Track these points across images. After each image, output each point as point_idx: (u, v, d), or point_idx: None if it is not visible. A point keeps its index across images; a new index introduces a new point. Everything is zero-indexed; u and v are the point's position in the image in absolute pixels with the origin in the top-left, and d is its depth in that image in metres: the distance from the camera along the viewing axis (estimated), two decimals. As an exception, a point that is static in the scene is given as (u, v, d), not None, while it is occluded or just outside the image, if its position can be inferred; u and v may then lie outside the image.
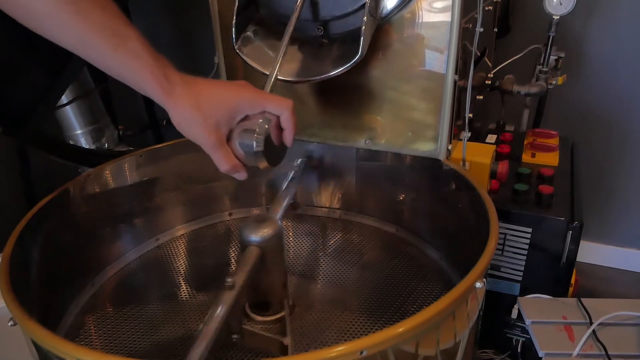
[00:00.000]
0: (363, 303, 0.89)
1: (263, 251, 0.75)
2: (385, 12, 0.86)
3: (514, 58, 1.41)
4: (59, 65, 0.92)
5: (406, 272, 0.98)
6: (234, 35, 0.91)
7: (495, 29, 1.35)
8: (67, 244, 0.86)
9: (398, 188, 1.06)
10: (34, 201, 0.81)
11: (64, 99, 1.51)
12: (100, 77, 1.67)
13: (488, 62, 1.35)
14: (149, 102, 2.13)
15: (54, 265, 0.80)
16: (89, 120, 1.65)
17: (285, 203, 0.91)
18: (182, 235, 1.12)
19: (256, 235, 0.75)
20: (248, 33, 0.94)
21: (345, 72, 0.84)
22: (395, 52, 0.90)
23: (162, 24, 2.06)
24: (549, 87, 1.36)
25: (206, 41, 1.93)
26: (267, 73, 0.81)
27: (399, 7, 0.85)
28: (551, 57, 1.35)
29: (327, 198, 1.18)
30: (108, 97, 1.91)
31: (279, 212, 0.88)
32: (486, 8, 1.12)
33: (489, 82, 1.36)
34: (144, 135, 2.17)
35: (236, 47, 0.92)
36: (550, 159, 1.22)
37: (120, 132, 2.01)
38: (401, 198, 1.07)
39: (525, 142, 1.30)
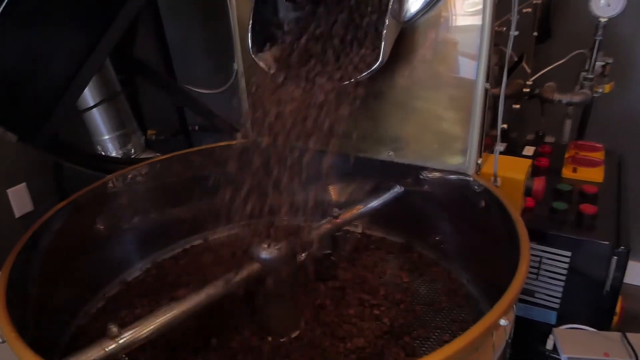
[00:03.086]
0: (382, 327, 0.83)
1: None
2: (409, 15, 0.79)
3: (556, 64, 1.32)
4: (79, 59, 0.89)
5: (430, 295, 0.91)
6: (250, 40, 0.87)
7: (535, 33, 1.26)
8: (68, 261, 0.83)
9: (423, 204, 0.99)
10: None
11: (90, 102, 1.52)
12: (127, 80, 1.67)
13: (527, 68, 1.26)
14: (180, 108, 2.12)
15: (52, 284, 0.78)
16: (115, 126, 1.65)
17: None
18: (195, 246, 1.08)
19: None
20: (265, 37, 0.90)
21: (366, 79, 0.78)
22: (421, 57, 0.84)
23: (194, 31, 2.05)
24: (595, 95, 1.26)
25: (235, 47, 1.92)
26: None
27: (425, 10, 0.79)
28: (597, 63, 1.25)
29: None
30: (136, 101, 1.92)
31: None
32: (524, 10, 1.04)
33: (528, 89, 1.28)
34: (175, 140, 2.17)
35: (252, 51, 0.87)
36: (594, 175, 1.12)
37: (153, 137, 2.01)
38: (427, 215, 0.99)
39: (567, 155, 1.20)
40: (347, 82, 0.79)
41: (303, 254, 0.84)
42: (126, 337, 0.60)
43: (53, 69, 0.86)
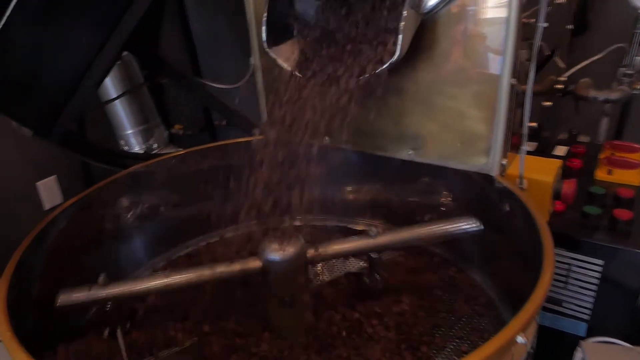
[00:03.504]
0: (399, 335, 0.79)
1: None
2: (429, 5, 0.75)
3: (592, 59, 1.25)
4: (91, 54, 0.88)
5: (451, 302, 0.86)
6: (264, 33, 0.84)
7: (571, 26, 1.19)
8: (77, 260, 0.82)
9: (444, 206, 0.95)
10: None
11: (112, 94, 1.53)
12: (150, 73, 1.67)
13: (560, 63, 1.19)
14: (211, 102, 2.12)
15: (60, 282, 0.76)
16: (139, 120, 1.66)
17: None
18: (211, 244, 1.06)
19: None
20: (281, 30, 0.87)
21: (384, 74, 0.74)
22: (442, 51, 0.79)
23: (222, 24, 2.04)
24: (634, 92, 1.19)
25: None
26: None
27: (446, 0, 0.74)
28: (637, 57, 1.18)
29: (366, 210, 1.08)
30: (162, 96, 1.92)
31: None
32: (557, 1, 0.98)
33: (561, 86, 1.21)
34: (202, 135, 2.17)
35: (266, 45, 0.84)
36: (630, 177, 1.05)
37: (180, 132, 2.02)
38: (447, 217, 0.95)
39: (602, 156, 1.13)
40: (364, 77, 0.76)
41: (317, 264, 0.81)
42: (111, 287, 0.70)
43: (65, 65, 0.86)
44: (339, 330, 0.78)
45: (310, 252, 0.75)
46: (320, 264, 0.94)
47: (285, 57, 0.85)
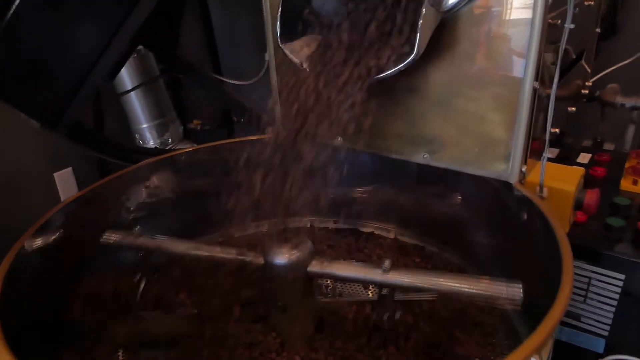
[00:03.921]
0: (413, 353, 0.76)
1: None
2: (450, 3, 0.72)
3: (620, 64, 1.20)
4: (100, 45, 0.87)
5: (464, 313, 0.83)
6: (278, 28, 0.82)
7: (598, 29, 1.14)
8: (79, 258, 0.81)
9: (459, 212, 0.92)
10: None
11: (128, 87, 1.53)
12: (166, 68, 1.66)
13: (586, 67, 1.15)
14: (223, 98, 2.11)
15: (62, 279, 0.75)
16: (154, 115, 1.66)
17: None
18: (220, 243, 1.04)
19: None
20: (296, 26, 0.84)
21: (401, 74, 0.72)
22: (463, 52, 0.76)
23: (243, 21, 2.03)
24: (664, 99, 1.13)
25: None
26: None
27: (467, -2, 0.71)
28: (668, 64, 1.12)
29: (378, 213, 1.06)
30: (179, 90, 1.91)
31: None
32: (586, 2, 0.93)
33: (586, 91, 1.17)
34: (221, 131, 2.16)
35: (280, 41, 0.82)
36: (658, 188, 1.00)
37: (198, 127, 2.01)
38: (463, 225, 0.92)
39: (627, 165, 1.08)
40: (379, 76, 0.73)
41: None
42: (141, 240, 0.80)
43: (73, 57, 0.84)
44: (344, 350, 0.75)
45: (313, 265, 0.72)
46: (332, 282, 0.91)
47: (299, 53, 0.83)
